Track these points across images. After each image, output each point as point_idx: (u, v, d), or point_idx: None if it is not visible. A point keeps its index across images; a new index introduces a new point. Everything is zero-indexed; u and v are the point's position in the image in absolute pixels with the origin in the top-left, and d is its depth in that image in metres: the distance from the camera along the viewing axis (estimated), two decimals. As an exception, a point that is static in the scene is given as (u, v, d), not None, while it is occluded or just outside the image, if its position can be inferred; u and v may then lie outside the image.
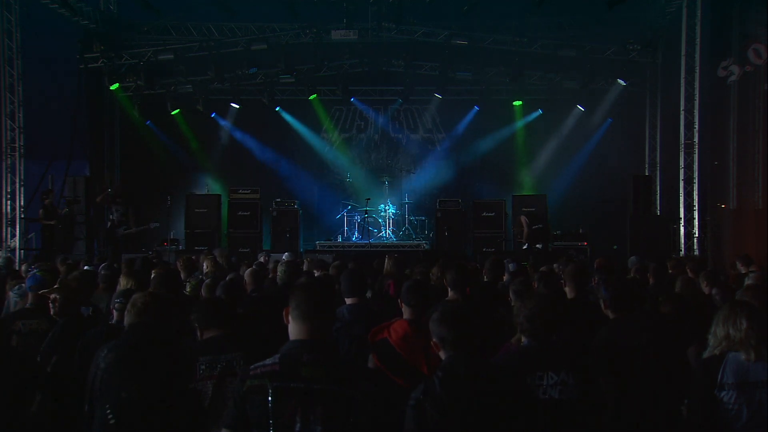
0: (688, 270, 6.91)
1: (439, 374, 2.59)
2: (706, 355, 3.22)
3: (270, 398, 2.34)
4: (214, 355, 3.39)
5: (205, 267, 7.29)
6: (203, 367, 3.35)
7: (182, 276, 6.59)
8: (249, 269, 6.32)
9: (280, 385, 2.36)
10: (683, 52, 13.50)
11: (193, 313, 3.64)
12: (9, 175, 13.48)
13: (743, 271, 7.41)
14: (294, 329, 2.51)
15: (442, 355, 2.70)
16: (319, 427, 2.32)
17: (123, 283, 5.17)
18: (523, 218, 13.03)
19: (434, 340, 2.71)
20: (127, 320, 3.39)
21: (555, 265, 6.50)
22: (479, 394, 2.54)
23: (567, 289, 4.92)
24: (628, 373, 3.64)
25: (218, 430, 2.52)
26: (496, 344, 3.64)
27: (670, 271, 7.00)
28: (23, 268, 7.96)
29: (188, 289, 6.16)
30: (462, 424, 2.50)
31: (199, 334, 3.57)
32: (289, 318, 2.53)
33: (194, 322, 3.59)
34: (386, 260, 7.03)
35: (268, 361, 2.44)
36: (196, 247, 13.49)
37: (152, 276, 5.36)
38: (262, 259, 9.54)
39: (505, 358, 3.25)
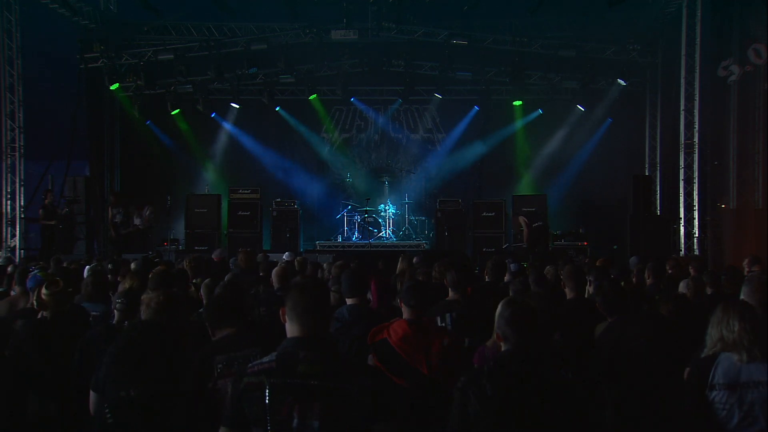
0: (691, 270, 6.88)
1: (490, 364, 2.66)
2: (702, 356, 3.22)
3: (267, 394, 2.35)
4: (229, 354, 3.38)
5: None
6: (220, 366, 3.33)
7: (190, 276, 6.58)
8: (276, 268, 6.33)
9: (277, 382, 2.37)
10: (683, 52, 13.48)
11: (204, 314, 3.65)
12: (9, 175, 13.47)
13: (746, 270, 7.39)
14: (291, 328, 2.52)
15: (502, 346, 2.75)
16: (316, 423, 2.33)
17: (125, 283, 5.16)
18: (522, 218, 12.77)
19: (498, 332, 2.76)
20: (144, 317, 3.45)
21: (548, 267, 6.47)
22: (525, 391, 2.57)
23: (566, 290, 4.94)
24: (627, 373, 3.64)
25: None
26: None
27: (669, 271, 6.98)
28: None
29: (194, 288, 6.14)
30: (501, 416, 2.52)
31: (211, 334, 3.60)
32: (286, 317, 2.54)
33: (207, 323, 3.63)
34: (400, 260, 6.96)
35: (265, 358, 2.46)
36: (196, 247, 13.51)
37: (150, 275, 5.34)
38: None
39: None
